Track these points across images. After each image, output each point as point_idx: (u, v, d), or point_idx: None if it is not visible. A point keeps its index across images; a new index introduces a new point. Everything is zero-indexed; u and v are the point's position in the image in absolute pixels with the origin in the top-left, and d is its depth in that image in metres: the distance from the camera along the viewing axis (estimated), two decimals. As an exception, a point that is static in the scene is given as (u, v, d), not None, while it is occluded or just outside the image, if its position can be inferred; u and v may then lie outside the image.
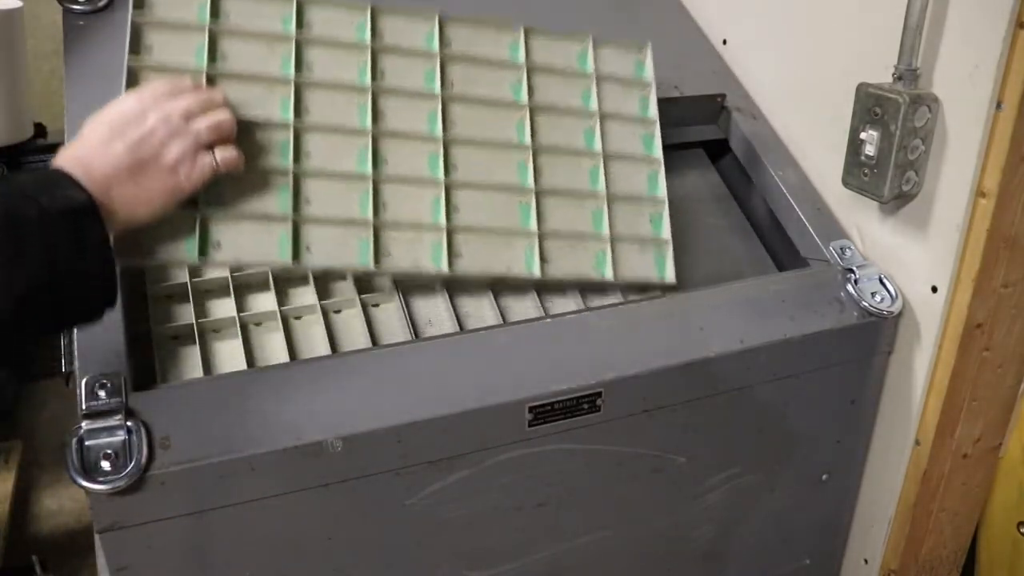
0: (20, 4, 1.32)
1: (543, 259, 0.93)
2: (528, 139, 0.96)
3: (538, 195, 0.95)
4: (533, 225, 0.94)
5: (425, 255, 0.89)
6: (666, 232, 0.99)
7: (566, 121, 0.99)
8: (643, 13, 1.26)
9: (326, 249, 0.86)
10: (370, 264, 0.87)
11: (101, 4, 1.07)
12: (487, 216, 0.92)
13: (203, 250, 0.82)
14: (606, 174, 0.98)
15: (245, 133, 0.84)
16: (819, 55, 1.06)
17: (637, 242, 0.98)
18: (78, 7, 1.06)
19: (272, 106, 0.88)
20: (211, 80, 0.86)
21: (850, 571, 1.17)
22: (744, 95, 1.18)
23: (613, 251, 0.96)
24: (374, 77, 0.92)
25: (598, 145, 0.99)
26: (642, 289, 0.98)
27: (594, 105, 1.00)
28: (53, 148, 1.37)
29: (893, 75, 0.92)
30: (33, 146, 1.37)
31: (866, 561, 1.14)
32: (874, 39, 0.96)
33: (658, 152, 1.02)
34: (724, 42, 1.23)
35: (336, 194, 0.88)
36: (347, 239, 0.87)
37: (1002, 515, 1.11)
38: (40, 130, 1.41)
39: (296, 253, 0.85)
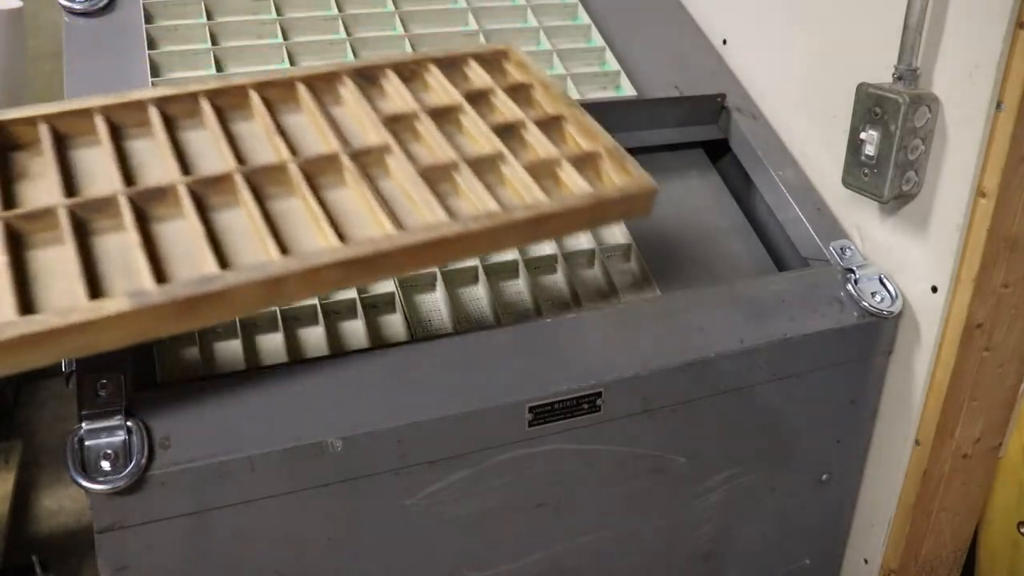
0: (20, 4, 1.32)
1: None
2: (475, 26, 1.15)
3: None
4: None
5: None
6: (615, 66, 1.16)
7: (502, 8, 1.19)
8: (643, 13, 1.26)
9: None
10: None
11: (101, 4, 1.07)
12: None
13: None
14: (548, 39, 1.17)
15: (250, 54, 1.06)
16: (819, 55, 1.06)
17: (592, 77, 1.14)
18: (78, 7, 1.06)
19: (266, 36, 1.09)
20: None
21: (850, 571, 1.17)
22: (744, 95, 1.18)
23: (574, 84, 1.12)
24: (340, 9, 1.14)
25: (534, 22, 1.19)
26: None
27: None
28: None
29: (893, 75, 0.92)
30: (33, 146, 1.37)
31: (866, 561, 1.14)
32: (874, 39, 0.96)
33: (585, 19, 1.21)
34: (724, 42, 1.23)
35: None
36: None
37: (1002, 515, 1.11)
38: (40, 130, 1.41)
39: None
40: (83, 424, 0.73)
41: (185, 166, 0.78)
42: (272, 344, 0.88)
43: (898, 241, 1.00)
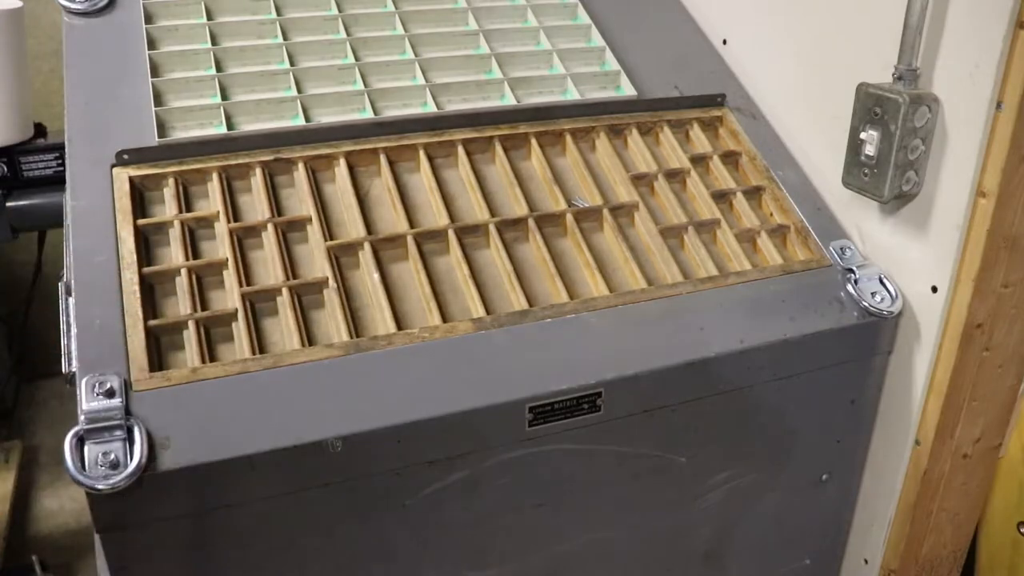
0: (20, 4, 1.32)
1: (516, 98, 1.10)
2: (475, 26, 1.17)
3: (496, 58, 1.13)
4: (498, 75, 1.11)
5: (414, 105, 1.07)
6: (615, 66, 1.16)
7: (502, 8, 1.21)
8: (643, 13, 1.26)
9: (332, 113, 1.03)
10: (370, 115, 1.03)
11: (101, 4, 1.07)
12: (459, 77, 1.11)
13: (230, 127, 0.99)
14: (548, 38, 1.18)
15: (250, 54, 1.07)
16: (819, 55, 1.06)
17: (592, 77, 1.15)
18: (78, 7, 1.06)
19: (266, 36, 1.10)
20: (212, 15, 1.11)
21: (850, 571, 1.17)
22: (744, 95, 1.18)
23: (574, 84, 1.13)
24: (340, 9, 1.15)
25: (534, 22, 1.20)
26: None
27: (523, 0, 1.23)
28: (53, 148, 1.37)
29: (893, 75, 0.92)
30: (33, 146, 1.37)
31: (866, 561, 1.14)
32: (874, 39, 0.96)
33: (585, 19, 1.21)
34: (724, 42, 1.23)
35: (331, 78, 1.07)
36: (348, 106, 1.05)
37: (1002, 515, 1.12)
38: (40, 130, 1.41)
39: (307, 120, 1.02)
40: (83, 424, 0.73)
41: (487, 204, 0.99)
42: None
43: (898, 241, 1.00)
